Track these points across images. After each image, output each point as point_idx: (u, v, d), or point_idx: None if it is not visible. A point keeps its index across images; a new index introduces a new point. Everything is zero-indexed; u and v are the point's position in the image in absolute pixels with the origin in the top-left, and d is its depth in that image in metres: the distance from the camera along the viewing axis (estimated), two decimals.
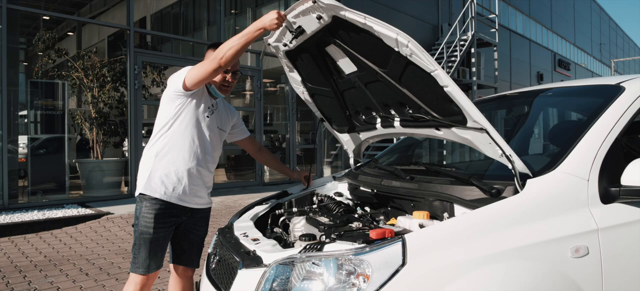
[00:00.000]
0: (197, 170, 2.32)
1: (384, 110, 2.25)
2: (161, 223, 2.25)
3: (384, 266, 1.42)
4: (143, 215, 2.23)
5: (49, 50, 8.21)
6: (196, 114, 2.30)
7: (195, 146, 2.31)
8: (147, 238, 2.23)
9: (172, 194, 2.26)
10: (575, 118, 2.60)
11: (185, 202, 2.31)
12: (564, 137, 2.16)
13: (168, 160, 2.28)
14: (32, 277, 4.06)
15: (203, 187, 2.40)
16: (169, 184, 2.26)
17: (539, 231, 1.58)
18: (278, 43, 2.38)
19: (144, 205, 2.25)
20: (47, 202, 7.19)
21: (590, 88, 2.48)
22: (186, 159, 2.29)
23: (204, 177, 2.39)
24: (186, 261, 2.49)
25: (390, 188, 2.18)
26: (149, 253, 2.23)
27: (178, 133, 2.29)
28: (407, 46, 1.60)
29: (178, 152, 2.28)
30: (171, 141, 2.29)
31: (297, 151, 11.20)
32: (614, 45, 40.18)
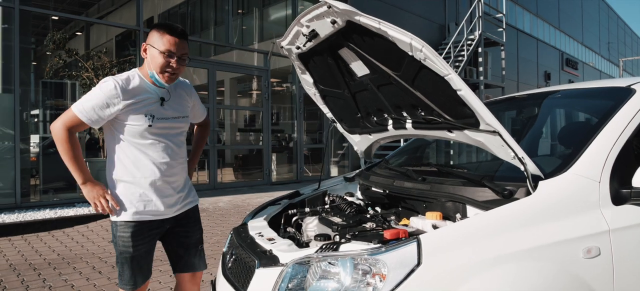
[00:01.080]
0: (162, 180, 2.12)
1: (396, 112, 2.29)
2: (139, 241, 2.11)
3: (400, 266, 1.45)
4: (120, 235, 2.10)
5: (60, 50, 8.31)
6: (137, 127, 2.05)
7: (148, 158, 2.09)
8: (128, 257, 2.10)
9: (144, 212, 2.10)
10: (585, 120, 2.62)
11: (160, 215, 2.15)
12: (575, 138, 2.19)
13: (127, 180, 2.09)
14: (46, 275, 4.14)
15: (175, 191, 2.19)
16: (136, 204, 2.08)
17: (551, 232, 1.61)
18: (291, 46, 2.42)
19: (118, 224, 2.10)
20: (58, 200, 7.29)
21: (601, 90, 2.50)
22: (145, 175, 2.08)
23: (173, 182, 2.17)
24: (187, 267, 2.32)
25: (402, 189, 2.22)
26: (132, 271, 2.12)
27: (127, 150, 2.08)
28: (421, 50, 1.63)
29: (134, 170, 2.08)
30: (123, 160, 2.09)
31: (304, 150, 11.24)
32: (622, 44, 39.86)
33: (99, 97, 1.99)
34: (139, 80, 2.10)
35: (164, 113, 2.13)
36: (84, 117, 2.00)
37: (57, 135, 2.02)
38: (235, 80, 12.62)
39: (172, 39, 2.04)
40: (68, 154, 2.03)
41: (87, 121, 2.01)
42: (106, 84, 2.01)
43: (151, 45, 2.07)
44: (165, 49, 2.03)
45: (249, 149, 11.58)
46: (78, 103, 2.03)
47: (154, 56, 2.06)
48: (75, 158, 2.04)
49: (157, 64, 2.05)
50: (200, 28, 11.79)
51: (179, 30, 2.07)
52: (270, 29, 12.72)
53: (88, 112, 2.00)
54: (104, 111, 2.00)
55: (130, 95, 2.03)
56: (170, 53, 2.04)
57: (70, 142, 2.02)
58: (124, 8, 10.11)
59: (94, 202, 2.08)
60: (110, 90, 1.99)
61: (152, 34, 2.08)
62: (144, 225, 2.12)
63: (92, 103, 1.99)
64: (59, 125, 2.01)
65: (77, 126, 2.03)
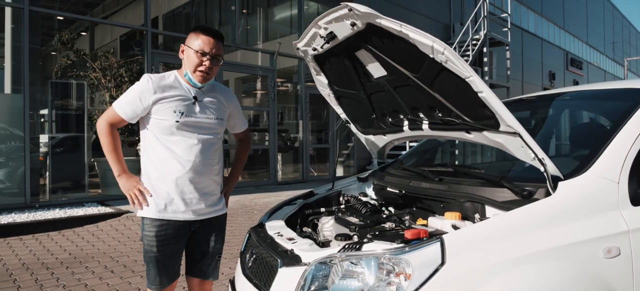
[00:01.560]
0: (186, 179, 2.13)
1: (412, 113, 2.31)
2: (164, 241, 2.13)
3: (424, 266, 1.47)
4: (145, 234, 2.15)
5: (68, 51, 8.37)
6: (166, 122, 2.10)
7: (174, 156, 2.12)
8: (152, 257, 2.14)
9: (167, 211, 2.12)
10: (600, 121, 2.63)
11: (185, 216, 2.16)
12: (592, 140, 2.20)
13: (154, 177, 2.14)
14: (59, 274, 4.18)
15: (203, 194, 2.19)
16: (160, 202, 2.12)
17: (572, 232, 1.63)
18: (307, 47, 2.44)
19: (145, 223, 2.15)
20: (67, 200, 7.34)
21: (616, 92, 2.51)
22: (170, 172, 2.12)
23: (198, 183, 2.17)
24: (199, 272, 2.32)
25: (419, 189, 2.24)
26: (157, 271, 2.15)
27: (155, 146, 2.14)
28: (443, 53, 1.65)
29: (161, 167, 2.12)
30: (151, 156, 2.15)
31: (310, 150, 11.27)
32: (626, 43, 39.71)
33: (133, 92, 2.13)
34: (173, 78, 2.19)
35: (194, 113, 2.17)
36: (120, 111, 2.14)
37: (100, 129, 2.17)
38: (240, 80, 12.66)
39: (206, 38, 2.14)
40: (108, 146, 2.16)
41: (123, 115, 2.13)
42: (140, 80, 2.15)
43: (188, 45, 2.17)
44: (199, 48, 2.13)
45: (255, 149, 11.62)
46: (117, 100, 2.17)
47: (189, 56, 2.15)
48: (114, 151, 2.17)
49: (192, 63, 2.14)
50: None
51: (213, 31, 2.18)
52: (275, 29, 12.76)
53: (123, 107, 2.13)
54: (137, 105, 2.11)
55: (161, 90, 2.12)
56: (203, 52, 2.13)
57: (110, 135, 2.16)
58: (128, 8, 10.16)
59: (128, 194, 2.16)
60: (142, 84, 2.12)
61: (189, 36, 2.20)
62: (169, 225, 2.14)
63: (127, 99, 2.13)
64: (102, 120, 2.19)
65: (117, 121, 2.16)
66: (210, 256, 2.32)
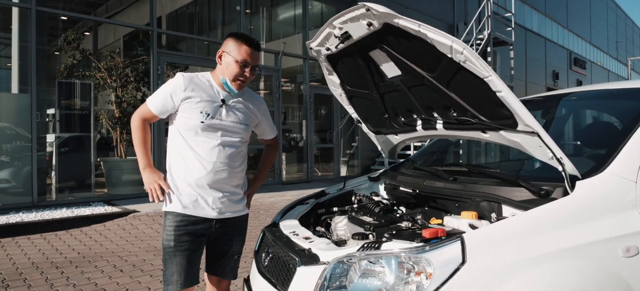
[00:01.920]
0: (208, 179, 2.15)
1: (426, 113, 2.31)
2: (182, 236, 2.14)
3: (445, 264, 1.48)
4: (165, 229, 2.17)
5: (74, 50, 8.39)
6: (192, 121, 2.15)
7: (196, 156, 2.15)
8: (170, 252, 2.14)
9: (188, 206, 2.15)
10: (611, 121, 2.63)
11: (205, 213, 2.17)
12: (607, 139, 2.20)
13: (177, 173, 2.18)
14: (69, 273, 4.19)
15: (224, 194, 2.21)
16: (183, 197, 2.16)
17: (591, 231, 1.63)
18: (320, 47, 2.45)
19: (166, 218, 2.18)
20: (73, 199, 7.37)
21: (628, 91, 2.51)
22: (191, 171, 2.15)
23: (221, 185, 2.19)
24: (218, 271, 2.35)
25: (433, 188, 2.24)
26: (174, 267, 2.13)
27: (179, 145, 2.19)
28: (462, 53, 1.65)
29: (184, 165, 2.17)
30: (176, 154, 2.20)
31: (315, 150, 11.28)
32: (630, 43, 39.58)
33: (165, 89, 2.20)
34: (205, 79, 2.24)
35: (220, 115, 2.20)
36: (152, 106, 2.20)
37: (133, 123, 2.26)
38: None
39: (249, 49, 2.18)
40: (138, 139, 2.24)
41: (154, 110, 2.20)
42: (173, 77, 2.21)
43: (228, 53, 2.19)
44: (242, 58, 2.16)
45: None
46: (151, 96, 2.25)
47: (229, 64, 2.18)
48: (143, 144, 2.24)
49: (232, 71, 2.17)
50: (208, 28, 11.85)
51: (255, 42, 2.22)
52: (279, 29, 12.76)
53: (155, 102, 2.20)
54: (167, 101, 2.17)
55: (191, 89, 2.16)
56: (245, 63, 2.17)
57: (141, 129, 2.24)
58: (132, 8, 10.19)
59: (150, 187, 2.17)
60: (175, 81, 2.18)
61: (228, 42, 2.21)
62: (188, 221, 2.15)
63: (159, 94, 2.20)
64: (136, 115, 2.27)
65: (149, 117, 2.25)
66: (229, 256, 2.35)
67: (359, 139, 12.00)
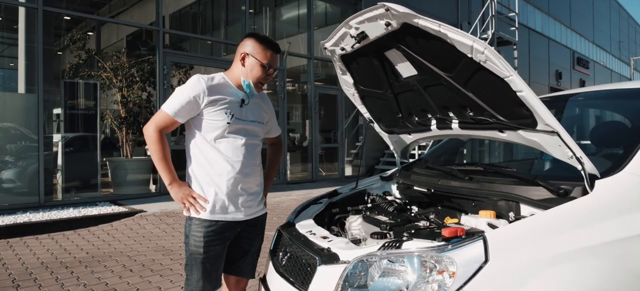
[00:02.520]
0: (236, 179, 2.15)
1: (442, 113, 2.31)
2: (212, 242, 2.12)
3: (468, 263, 1.48)
4: (192, 234, 2.13)
5: (80, 50, 8.41)
6: (217, 123, 2.13)
7: (223, 157, 2.14)
8: (198, 259, 2.11)
9: (217, 212, 2.13)
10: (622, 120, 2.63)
11: (233, 216, 2.17)
12: (623, 139, 2.21)
13: (204, 179, 2.14)
14: (79, 273, 4.21)
15: (249, 195, 2.22)
16: (212, 202, 2.12)
17: (611, 230, 1.64)
18: (335, 47, 2.46)
19: (193, 223, 2.14)
20: (79, 199, 7.39)
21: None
22: (220, 173, 2.13)
23: (246, 183, 2.20)
24: (238, 271, 2.35)
25: (449, 188, 2.25)
26: (201, 274, 2.11)
27: (204, 149, 2.15)
28: (483, 53, 1.66)
29: (210, 169, 2.14)
30: (200, 159, 2.16)
31: (319, 150, 11.28)
32: (633, 43, 39.49)
33: (186, 92, 2.11)
34: (223, 80, 2.21)
35: (242, 115, 2.21)
36: (172, 112, 2.09)
37: (149, 137, 2.12)
38: None
39: (274, 55, 2.21)
40: (158, 155, 2.12)
41: (175, 116, 2.10)
42: (192, 80, 2.14)
43: (253, 55, 2.18)
44: (267, 62, 2.18)
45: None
46: (166, 103, 2.14)
47: (253, 66, 2.18)
48: (165, 159, 2.13)
49: (256, 75, 2.19)
50: (211, 27, 11.86)
51: (278, 46, 2.25)
52: (283, 29, 12.78)
53: (175, 107, 2.09)
54: (191, 105, 2.10)
55: (214, 92, 2.13)
56: (270, 66, 2.20)
57: (160, 142, 2.12)
58: (135, 8, 10.21)
59: (182, 202, 2.14)
60: (195, 84, 2.11)
61: (253, 44, 2.20)
62: (217, 226, 2.14)
63: (180, 99, 2.10)
64: (151, 127, 2.13)
65: (168, 125, 2.13)
66: (250, 255, 2.35)
67: (363, 139, 12.00)
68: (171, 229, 5.90)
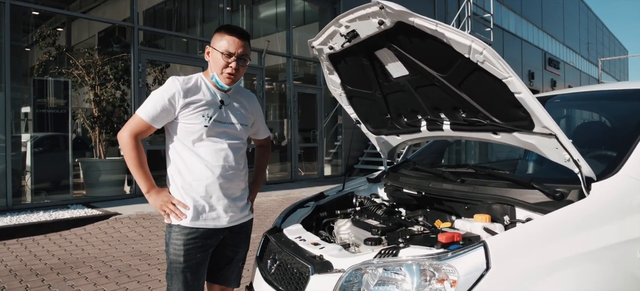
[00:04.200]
0: (216, 185, 2.05)
1: (433, 114, 2.27)
2: (192, 250, 2.02)
3: (470, 271, 1.43)
4: (172, 242, 2.03)
5: (50, 47, 8.08)
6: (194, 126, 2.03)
7: (203, 162, 2.03)
8: (179, 268, 2.01)
9: (199, 218, 2.03)
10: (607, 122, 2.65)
11: (215, 223, 2.07)
12: (613, 141, 2.21)
13: (183, 185, 2.04)
14: (50, 280, 4.01)
15: (232, 201, 2.12)
16: (192, 209, 2.02)
17: (610, 233, 1.62)
18: (323, 46, 2.38)
19: (172, 230, 2.04)
20: (50, 202, 7.09)
21: (629, 92, 2.52)
22: (199, 179, 2.03)
23: (228, 189, 2.09)
24: (222, 280, 2.26)
25: (441, 190, 2.20)
26: (182, 284, 2.02)
27: (182, 154, 2.05)
28: (482, 53, 1.61)
29: (189, 174, 2.03)
30: (179, 164, 2.06)
31: (298, 150, 11.19)
32: (600, 44, 40.87)
33: (160, 95, 2.01)
34: (200, 81, 2.10)
35: (222, 117, 2.10)
36: (147, 117, 1.99)
37: (124, 144, 2.02)
38: None
39: (231, 38, 2.06)
40: (134, 162, 2.01)
41: (151, 121, 2.00)
42: (167, 83, 2.04)
43: (213, 47, 2.09)
44: (224, 49, 2.05)
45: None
46: (141, 107, 2.03)
47: (215, 58, 2.08)
48: (141, 166, 2.03)
49: (218, 65, 2.07)
50: (187, 25, 11.61)
51: (238, 30, 2.09)
52: (261, 27, 12.62)
53: (150, 112, 2.00)
54: (166, 109, 2.00)
55: (189, 94, 2.03)
56: (229, 53, 2.05)
57: (136, 149, 2.02)
58: (107, 3, 9.89)
59: (162, 210, 2.04)
60: (170, 87, 2.02)
61: (214, 37, 2.10)
62: (198, 233, 2.04)
63: (155, 103, 2.00)
64: (126, 133, 2.02)
65: (143, 130, 2.02)
66: (234, 263, 2.27)
67: (342, 138, 11.97)
68: (148, 232, 5.72)
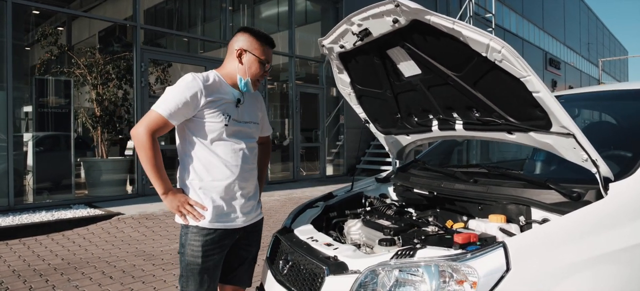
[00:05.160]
0: (235, 184, 2.03)
1: (446, 113, 2.25)
2: (210, 251, 1.99)
3: (491, 272, 1.41)
4: (189, 243, 1.98)
5: (52, 46, 8.05)
6: (215, 125, 1.99)
7: (221, 161, 2.01)
8: (196, 270, 1.98)
9: (217, 219, 2.00)
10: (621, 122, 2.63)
11: (233, 223, 2.05)
12: (629, 141, 2.19)
13: (201, 185, 2.01)
14: (54, 281, 3.98)
15: (248, 200, 2.11)
16: (210, 210, 1.99)
17: (627, 234, 1.60)
18: (334, 44, 2.36)
19: (189, 231, 2.00)
20: (52, 202, 7.06)
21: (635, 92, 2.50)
22: (218, 178, 2.00)
23: (244, 188, 2.08)
24: (235, 280, 2.23)
25: (453, 190, 2.18)
26: (198, 286, 1.99)
27: (200, 153, 2.01)
28: (500, 52, 1.59)
29: (207, 174, 2.00)
30: (196, 164, 2.01)
31: (300, 150, 11.17)
32: (600, 45, 40.88)
33: (181, 92, 1.94)
34: (217, 79, 2.07)
35: (239, 115, 2.08)
36: (167, 113, 1.91)
37: (140, 142, 1.91)
38: None
39: (269, 50, 2.12)
40: (150, 162, 1.93)
41: (170, 118, 1.92)
42: (187, 79, 1.97)
43: (250, 52, 2.07)
44: (264, 58, 2.08)
45: None
46: (158, 102, 1.95)
47: (251, 63, 2.07)
48: (158, 167, 1.94)
49: (255, 72, 2.08)
50: (188, 24, 11.59)
51: (273, 41, 2.15)
52: (262, 26, 12.59)
53: (170, 108, 1.91)
54: (187, 105, 1.93)
55: (211, 92, 1.99)
56: (267, 62, 2.11)
57: (153, 148, 1.92)
58: (108, 2, 9.86)
59: (179, 211, 2.00)
60: (193, 83, 1.95)
61: (249, 40, 2.08)
62: (216, 234, 2.01)
63: (175, 99, 1.92)
64: (141, 130, 1.91)
65: (160, 128, 1.94)
66: (247, 262, 2.25)
67: (344, 138, 11.95)
68: (151, 232, 5.69)
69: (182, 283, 2.04)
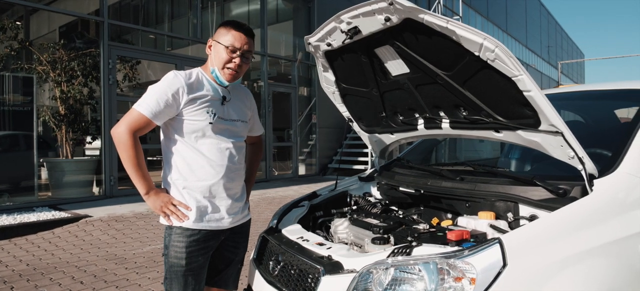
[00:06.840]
0: (220, 185, 1.98)
1: (432, 112, 2.27)
2: (194, 252, 1.94)
3: (488, 269, 1.43)
4: (173, 245, 1.93)
5: (12, 40, 7.66)
6: (199, 123, 1.95)
7: (206, 160, 1.96)
8: (180, 271, 1.93)
9: (202, 219, 1.96)
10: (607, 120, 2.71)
11: (218, 224, 2.00)
12: (609, 138, 2.27)
13: (184, 185, 1.96)
14: (20, 288, 3.78)
15: (234, 201, 2.06)
16: (194, 210, 1.94)
17: (613, 229, 1.66)
18: (320, 42, 2.34)
19: (173, 232, 1.94)
20: (13, 204, 6.71)
21: (624, 92, 2.59)
22: (202, 178, 1.96)
23: (230, 189, 2.03)
24: (221, 282, 2.19)
25: (441, 188, 2.20)
26: (182, 288, 1.94)
27: (184, 152, 1.96)
28: (493, 51, 1.61)
29: (191, 174, 1.95)
30: (180, 163, 1.96)
31: (273, 149, 11.09)
32: (559, 48, 42.62)
33: (162, 89, 1.89)
34: (200, 75, 2.02)
35: (224, 113, 2.02)
36: (148, 112, 1.86)
37: (121, 141, 1.86)
38: None
39: (237, 34, 1.99)
40: (132, 162, 1.87)
41: (152, 117, 1.87)
42: (169, 77, 1.92)
43: (216, 40, 2.01)
44: (229, 44, 1.98)
45: None
46: (139, 101, 1.89)
47: (218, 52, 2.00)
48: (140, 167, 1.89)
49: (221, 59, 1.99)
50: (155, 21, 11.29)
51: (245, 27, 2.03)
52: None
53: (152, 107, 1.86)
54: (169, 104, 1.89)
55: (193, 89, 1.94)
56: (234, 48, 1.98)
57: (135, 148, 1.87)
58: None
59: (162, 211, 1.93)
60: (172, 81, 1.91)
61: (218, 30, 2.04)
62: (201, 235, 1.96)
63: (156, 97, 1.87)
64: (122, 129, 1.86)
65: (142, 126, 1.88)
66: (233, 265, 2.20)
67: (316, 137, 11.95)
68: (122, 235, 5.50)
69: (166, 285, 1.98)
